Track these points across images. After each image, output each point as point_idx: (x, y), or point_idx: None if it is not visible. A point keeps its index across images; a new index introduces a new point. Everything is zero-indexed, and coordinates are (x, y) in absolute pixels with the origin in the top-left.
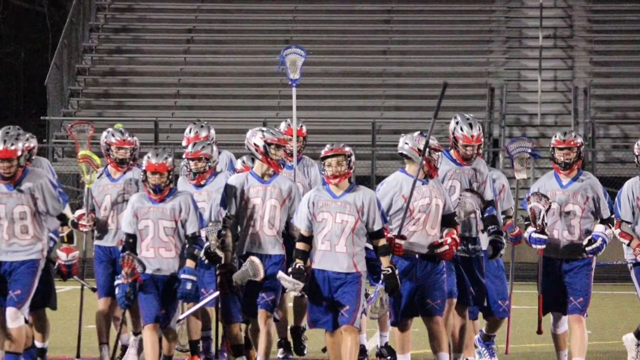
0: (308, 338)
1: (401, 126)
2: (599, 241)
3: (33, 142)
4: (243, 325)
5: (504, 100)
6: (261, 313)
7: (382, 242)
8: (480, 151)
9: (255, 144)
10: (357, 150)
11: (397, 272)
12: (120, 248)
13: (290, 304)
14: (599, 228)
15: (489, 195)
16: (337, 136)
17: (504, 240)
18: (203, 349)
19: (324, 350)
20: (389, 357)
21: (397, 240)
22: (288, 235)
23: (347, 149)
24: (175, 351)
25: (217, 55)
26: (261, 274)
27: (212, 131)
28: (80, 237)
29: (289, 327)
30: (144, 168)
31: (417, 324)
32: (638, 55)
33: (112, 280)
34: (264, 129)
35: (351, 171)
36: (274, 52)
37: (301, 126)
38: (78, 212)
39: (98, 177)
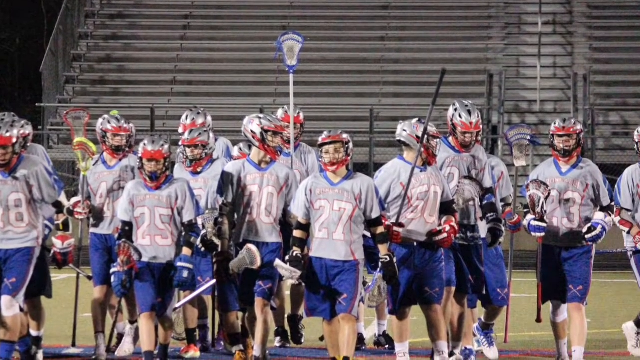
0: (305, 326)
1: (399, 113)
2: (599, 229)
3: (28, 129)
4: (240, 314)
5: (502, 86)
6: (258, 301)
7: (380, 229)
8: (479, 138)
9: (252, 131)
10: (354, 137)
11: (395, 260)
12: (116, 236)
13: (287, 292)
14: (598, 215)
15: (487, 182)
16: (334, 123)
17: (503, 228)
18: (199, 338)
19: (322, 338)
20: (387, 346)
21: (395, 228)
22: (285, 222)
23: (344, 135)
24: (172, 340)
25: (214, 42)
26: (258, 262)
27: (209, 118)
28: (75, 224)
29: (286, 316)
30: (140, 155)
31: (415, 313)
32: (638, 41)
33: (108, 268)
34: (261, 115)
35: (349, 158)
36: (271, 38)
37: (298, 113)
38: (73, 200)
39: (94, 164)
